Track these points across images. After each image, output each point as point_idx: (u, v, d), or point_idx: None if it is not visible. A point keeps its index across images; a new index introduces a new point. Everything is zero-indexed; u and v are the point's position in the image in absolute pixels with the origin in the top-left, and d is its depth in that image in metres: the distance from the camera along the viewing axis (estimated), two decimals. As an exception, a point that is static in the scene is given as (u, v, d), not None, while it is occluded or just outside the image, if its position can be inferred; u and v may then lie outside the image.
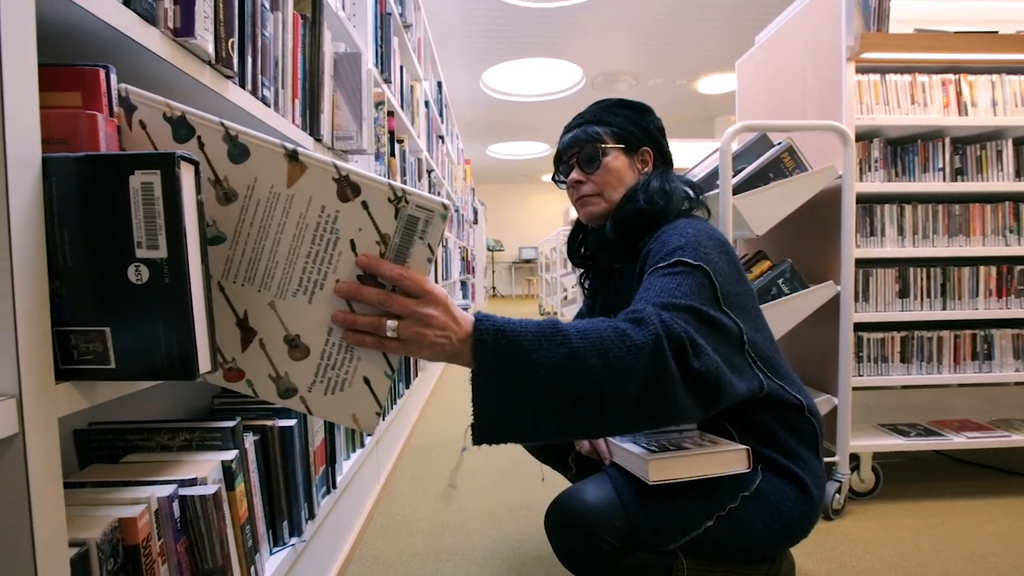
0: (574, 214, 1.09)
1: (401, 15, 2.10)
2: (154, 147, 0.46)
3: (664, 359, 0.63)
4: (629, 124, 0.97)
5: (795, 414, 0.88)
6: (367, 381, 0.51)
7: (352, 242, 0.47)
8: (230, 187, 0.46)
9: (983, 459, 1.74)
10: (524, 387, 0.58)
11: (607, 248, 0.99)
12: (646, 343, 0.62)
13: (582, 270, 1.14)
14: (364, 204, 0.46)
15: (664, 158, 1.00)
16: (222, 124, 0.45)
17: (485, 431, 0.60)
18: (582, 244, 1.10)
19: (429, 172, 2.73)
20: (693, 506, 0.80)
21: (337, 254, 0.47)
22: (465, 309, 0.64)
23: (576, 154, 0.97)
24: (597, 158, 0.95)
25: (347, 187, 0.45)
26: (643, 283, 0.79)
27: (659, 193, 0.91)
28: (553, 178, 1.04)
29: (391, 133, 1.82)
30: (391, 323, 0.49)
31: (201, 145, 0.45)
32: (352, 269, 0.48)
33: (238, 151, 0.45)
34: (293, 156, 0.45)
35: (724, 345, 0.73)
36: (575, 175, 0.97)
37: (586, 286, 1.14)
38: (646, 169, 0.98)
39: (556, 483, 1.58)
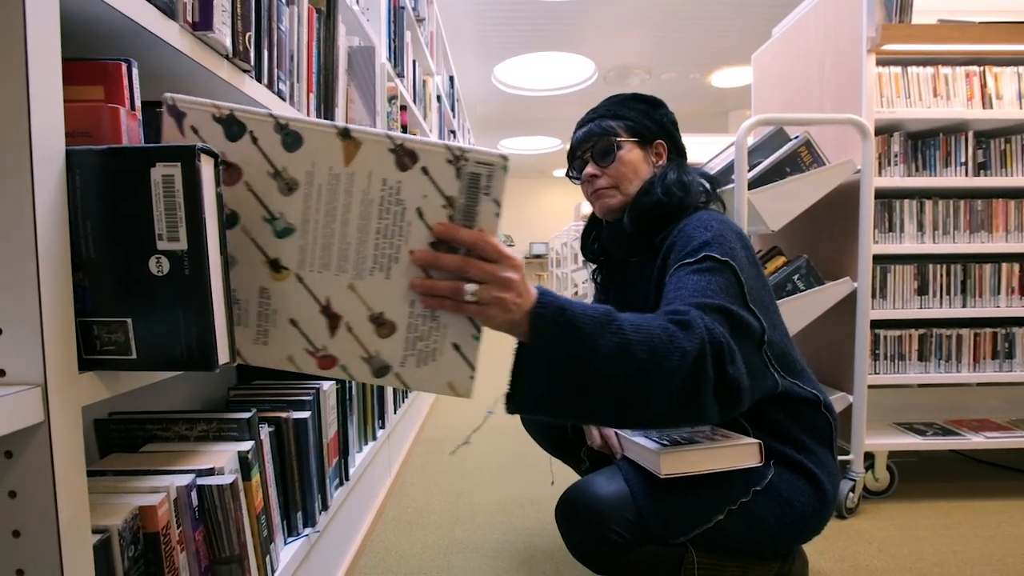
0: (586, 209, 1.09)
1: (414, 9, 2.10)
2: None
3: (705, 365, 0.64)
4: (643, 117, 0.97)
5: (810, 409, 0.88)
6: (456, 347, 0.51)
7: (419, 210, 0.46)
8: (290, 176, 0.46)
9: (1002, 460, 1.70)
10: (574, 367, 0.58)
11: (623, 242, 0.98)
12: (692, 348, 0.63)
13: (595, 265, 1.14)
14: (424, 170, 0.45)
15: (678, 151, 1.00)
16: (271, 115, 0.45)
17: (525, 402, 0.61)
18: (596, 239, 1.09)
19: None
20: (704, 499, 0.80)
21: (406, 224, 0.47)
22: None
23: (590, 148, 0.97)
24: (612, 151, 0.95)
25: (404, 155, 0.44)
26: (672, 278, 0.80)
27: (677, 185, 0.91)
28: (567, 173, 1.04)
29: (404, 127, 1.82)
30: (470, 287, 0.49)
31: (254, 140, 0.45)
32: (424, 237, 0.47)
33: (291, 139, 0.45)
34: (345, 134, 0.44)
35: (746, 346, 0.73)
36: (590, 169, 0.97)
37: (598, 281, 1.14)
38: (660, 162, 0.98)
39: (566, 480, 1.59)
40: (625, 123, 0.96)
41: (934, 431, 1.50)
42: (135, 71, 0.49)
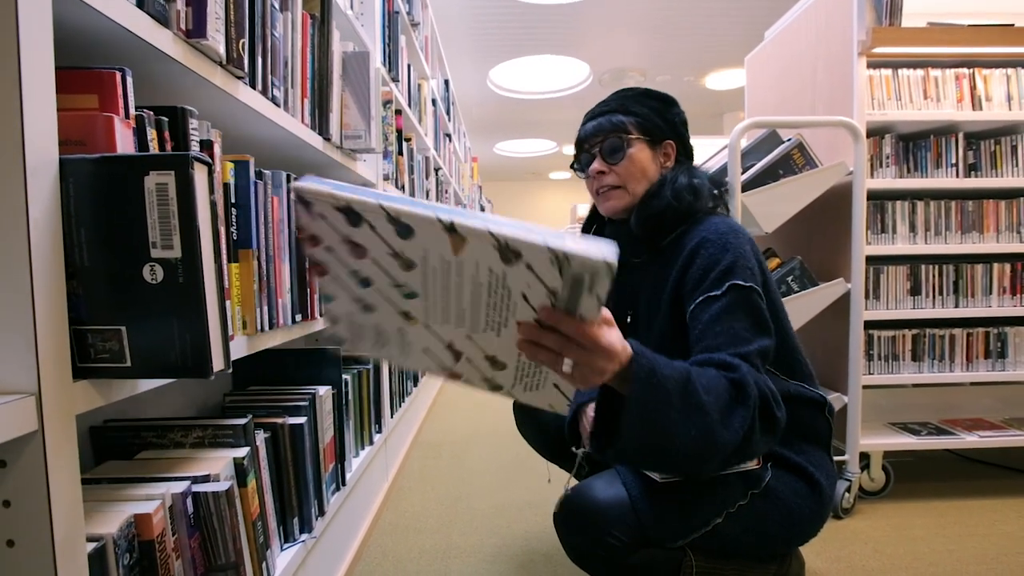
0: (582, 212, 1.08)
1: (408, 13, 2.10)
2: (337, 232, 0.48)
3: (755, 424, 0.69)
4: (654, 115, 0.93)
5: (814, 412, 0.89)
6: (556, 386, 0.59)
7: (524, 295, 0.49)
8: (407, 258, 0.49)
9: (995, 459, 1.72)
10: (657, 424, 0.65)
11: (627, 241, 0.93)
12: (750, 411, 0.69)
13: None
14: (528, 266, 0.47)
15: (686, 152, 0.97)
16: (380, 207, 0.46)
17: (623, 454, 0.71)
18: (597, 235, 1.07)
19: (436, 170, 2.74)
20: (702, 503, 0.80)
21: (513, 304, 0.51)
22: None
23: (599, 143, 0.93)
24: (621, 149, 0.91)
25: (508, 252, 0.46)
26: (701, 313, 0.79)
27: (687, 189, 0.89)
28: (572, 165, 1.01)
29: (399, 131, 1.82)
30: (567, 362, 0.54)
31: (372, 227, 0.47)
32: (530, 313, 0.51)
33: (403, 229, 0.46)
34: (451, 228, 0.46)
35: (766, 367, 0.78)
36: (597, 165, 0.93)
37: None
38: (668, 163, 0.95)
39: (563, 477, 1.58)
40: (636, 120, 0.92)
41: (928, 431, 1.51)
42: (129, 79, 0.49)
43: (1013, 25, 1.42)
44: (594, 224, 1.08)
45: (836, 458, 1.40)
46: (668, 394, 0.64)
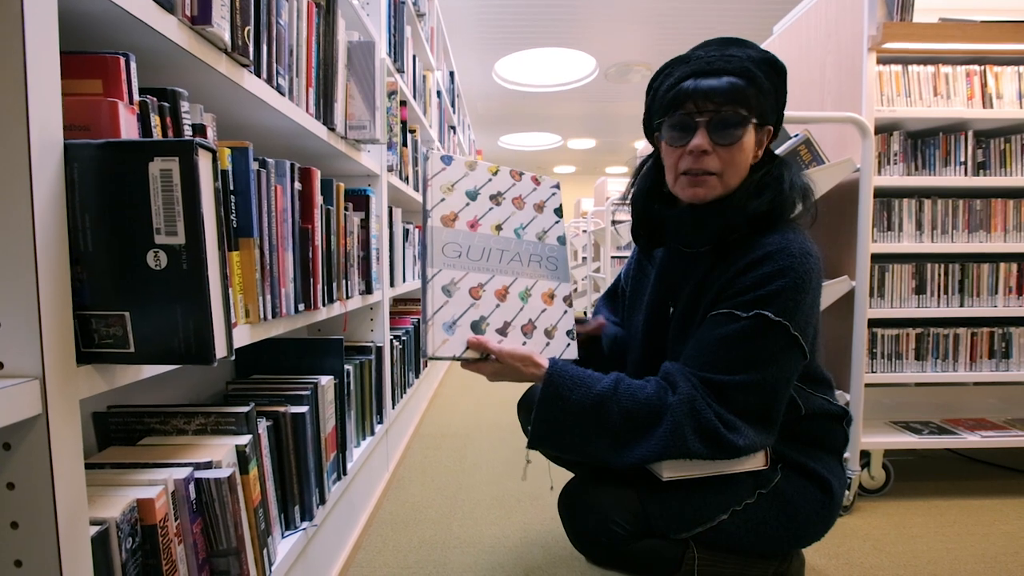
0: (587, 205, 1.05)
1: (415, 4, 2.09)
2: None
3: (667, 449, 0.73)
4: (772, 94, 0.76)
5: (833, 424, 0.88)
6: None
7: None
8: None
9: (997, 459, 1.71)
10: (556, 435, 0.77)
11: (687, 231, 0.82)
12: (659, 442, 0.74)
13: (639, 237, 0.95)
14: None
15: (773, 137, 0.82)
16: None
17: (534, 439, 0.78)
18: (654, 212, 0.89)
19: (440, 162, 2.73)
20: (708, 499, 0.80)
21: None
22: None
23: (712, 112, 0.74)
24: (739, 129, 0.74)
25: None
26: (715, 328, 0.76)
27: (790, 196, 0.77)
28: (655, 122, 0.80)
29: (403, 123, 1.82)
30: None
31: None
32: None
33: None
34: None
35: (776, 399, 0.77)
36: (701, 141, 0.75)
37: (632, 266, 1.02)
38: (759, 152, 0.80)
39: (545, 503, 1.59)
40: (759, 96, 0.75)
41: (930, 430, 1.51)
42: (133, 65, 0.49)
43: (1026, 22, 1.40)
44: (651, 202, 0.89)
45: (837, 456, 1.40)
46: (568, 416, 0.75)
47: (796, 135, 1.41)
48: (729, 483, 0.81)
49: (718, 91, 0.74)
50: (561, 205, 0.90)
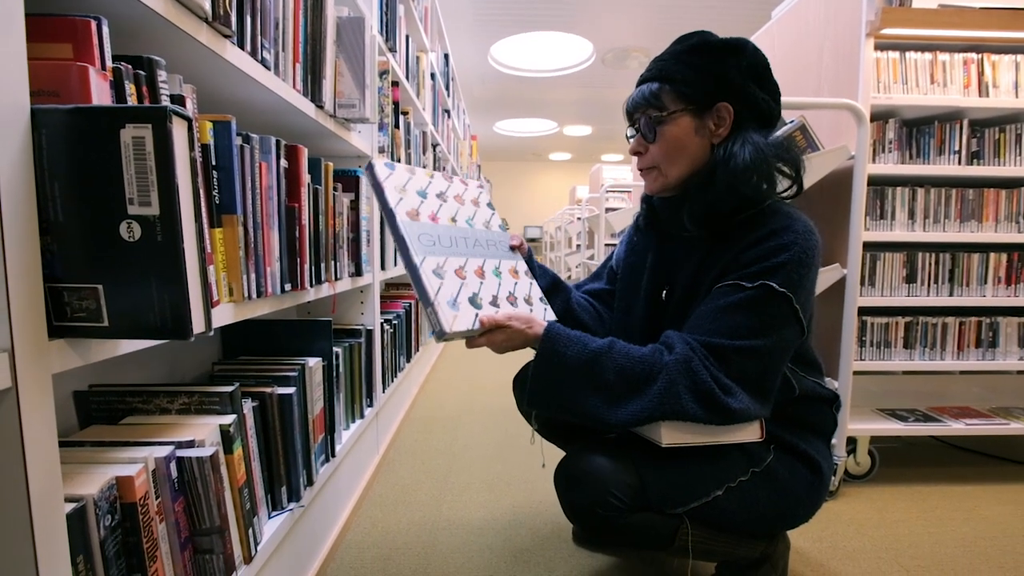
0: (582, 193, 1.05)
1: (407, -19, 2.04)
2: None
3: (658, 408, 0.74)
4: (700, 75, 0.79)
5: (824, 407, 0.90)
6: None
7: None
8: None
9: (979, 446, 1.74)
10: (551, 392, 0.78)
11: (677, 220, 0.87)
12: (651, 400, 0.74)
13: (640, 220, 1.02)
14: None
15: (754, 112, 0.80)
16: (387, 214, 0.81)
17: (530, 396, 0.79)
18: (647, 202, 0.97)
19: (434, 146, 2.70)
20: (704, 473, 0.81)
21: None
22: None
23: (638, 120, 0.86)
24: (652, 127, 0.83)
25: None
26: (718, 299, 0.77)
27: (744, 174, 0.76)
28: (627, 135, 0.92)
29: (395, 104, 1.79)
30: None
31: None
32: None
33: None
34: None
35: (772, 369, 0.78)
36: (634, 144, 0.87)
37: (631, 241, 1.02)
38: (722, 130, 0.80)
39: (534, 486, 1.60)
40: (674, 88, 0.80)
41: (916, 417, 1.53)
42: (105, 29, 0.47)
43: (1025, 9, 1.39)
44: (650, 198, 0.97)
45: (823, 442, 1.42)
46: (564, 372, 0.76)
47: (792, 121, 1.40)
48: (724, 459, 0.82)
49: (635, 102, 0.86)
50: (491, 200, 1.02)
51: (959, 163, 1.45)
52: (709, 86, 0.79)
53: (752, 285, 0.75)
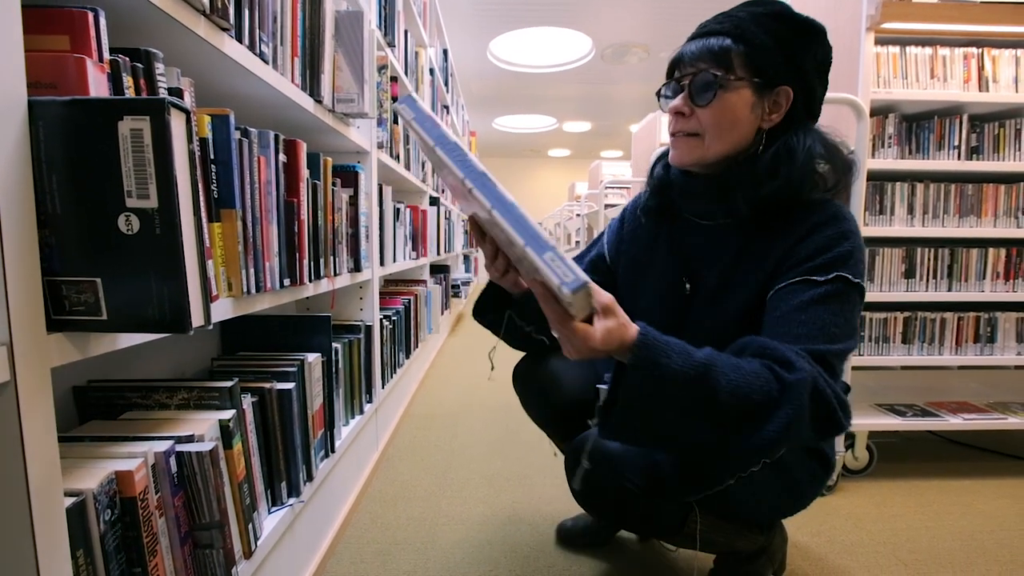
0: (581, 189, 1.00)
1: (406, -24, 2.03)
2: (481, 209, 0.59)
3: (785, 436, 0.62)
4: (777, 48, 0.71)
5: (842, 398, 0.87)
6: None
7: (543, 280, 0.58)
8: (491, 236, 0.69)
9: (977, 441, 1.75)
10: (651, 417, 0.63)
11: (700, 201, 0.79)
12: (782, 425, 0.61)
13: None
14: (525, 252, 0.56)
15: (808, 106, 0.75)
16: (434, 150, 0.61)
17: (621, 430, 0.66)
18: (663, 181, 0.85)
19: (433, 142, 2.68)
20: (719, 463, 0.80)
21: (531, 269, 0.59)
22: (466, 283, 0.72)
23: (692, 74, 0.74)
24: (712, 89, 0.72)
25: (513, 243, 0.58)
26: (794, 291, 0.70)
27: (808, 170, 0.71)
28: (658, 91, 0.80)
29: (395, 99, 1.78)
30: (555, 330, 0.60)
31: (489, 211, 0.57)
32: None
33: (442, 169, 0.63)
34: (470, 194, 0.59)
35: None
36: (679, 103, 0.75)
37: (630, 230, 0.93)
38: (775, 116, 0.74)
39: (549, 468, 1.60)
40: (748, 51, 0.71)
41: (914, 412, 1.53)
42: (102, 20, 0.47)
43: (1025, 4, 1.38)
44: (660, 167, 0.87)
45: (822, 437, 1.42)
46: (666, 391, 0.60)
47: (791, 116, 1.40)
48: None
49: (695, 53, 0.74)
50: None
51: (959, 158, 1.45)
52: (782, 64, 0.72)
53: (826, 278, 0.69)
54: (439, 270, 3.28)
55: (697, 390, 0.60)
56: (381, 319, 1.59)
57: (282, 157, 0.83)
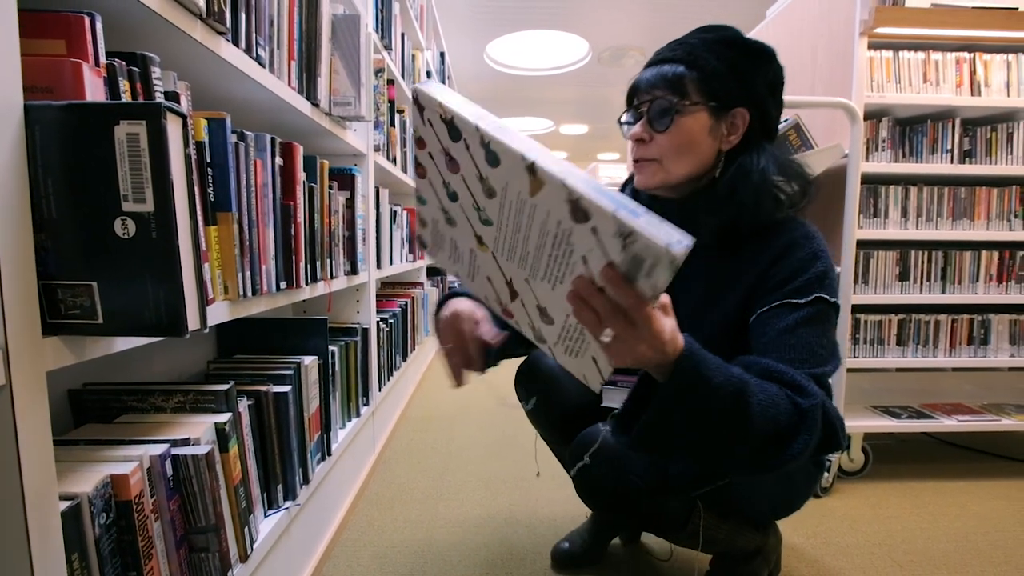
0: None
1: (403, -21, 2.04)
2: (439, 141, 0.51)
3: (810, 450, 0.62)
4: (730, 73, 0.73)
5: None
6: (595, 360, 0.56)
7: (584, 257, 0.48)
8: (490, 186, 0.50)
9: (971, 443, 1.76)
10: (695, 429, 0.59)
11: (680, 227, 0.83)
12: (806, 447, 0.60)
13: None
14: (594, 230, 0.45)
15: (764, 125, 0.77)
16: (477, 129, 0.47)
17: (642, 444, 0.61)
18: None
19: (430, 145, 2.69)
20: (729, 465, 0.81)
21: (573, 262, 0.49)
22: (463, 286, 0.68)
23: (649, 102, 0.76)
24: (669, 114, 0.74)
25: (578, 211, 0.45)
26: (775, 317, 0.71)
27: (768, 190, 0.73)
28: (619, 118, 0.81)
29: (391, 102, 1.78)
30: (608, 331, 0.50)
31: (467, 147, 0.49)
32: (589, 274, 0.50)
33: (492, 156, 0.47)
34: (532, 169, 0.46)
35: None
36: (638, 130, 0.77)
37: None
38: (732, 138, 0.76)
39: (552, 468, 1.60)
40: (701, 77, 0.73)
41: (909, 414, 1.54)
42: (99, 25, 0.47)
43: (1017, 9, 1.40)
44: (628, 190, 0.89)
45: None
46: (707, 406, 0.57)
47: (786, 120, 1.41)
48: None
49: (651, 80, 0.76)
50: None
51: (951, 162, 1.47)
52: (735, 88, 0.74)
53: (806, 300, 0.70)
54: (436, 273, 3.29)
55: (733, 408, 0.58)
56: (378, 322, 1.59)
57: (279, 160, 0.83)
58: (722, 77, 0.73)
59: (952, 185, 1.49)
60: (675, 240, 0.43)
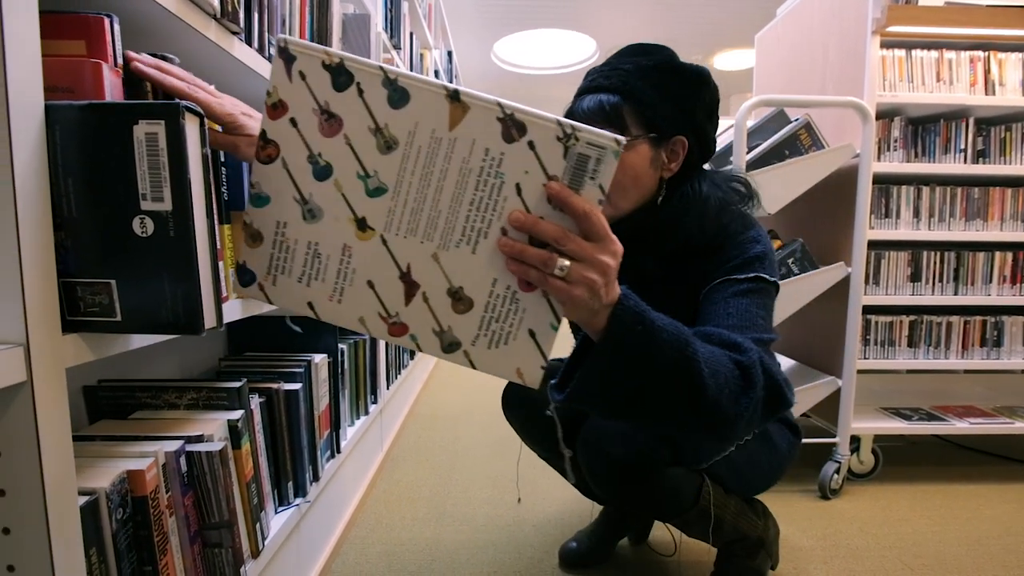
0: None
1: (412, -21, 2.04)
2: (314, 98, 0.44)
3: (755, 414, 0.61)
4: (667, 102, 0.73)
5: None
6: (532, 334, 0.49)
7: (518, 186, 0.44)
8: (391, 135, 0.44)
9: (984, 445, 1.74)
10: (636, 377, 0.54)
11: (630, 250, 0.83)
12: (753, 402, 0.59)
13: None
14: (531, 144, 0.43)
15: (703, 149, 0.78)
16: (381, 68, 0.43)
17: (577, 393, 0.56)
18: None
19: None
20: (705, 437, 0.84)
21: (502, 200, 0.45)
22: None
23: None
24: None
25: (512, 126, 0.42)
26: (718, 293, 0.73)
27: (719, 216, 0.76)
28: None
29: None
30: (563, 261, 0.45)
31: (360, 92, 0.43)
32: (521, 209, 0.46)
33: (398, 95, 0.43)
34: (455, 96, 0.42)
35: None
36: None
37: None
38: (673, 165, 0.77)
39: (535, 495, 1.60)
40: (639, 109, 0.72)
41: (920, 416, 1.53)
42: (117, 26, 0.47)
43: (1033, 7, 1.38)
44: None
45: (827, 440, 1.42)
46: (652, 345, 0.52)
47: (797, 119, 1.40)
48: None
49: (588, 112, 0.74)
50: None
51: (964, 161, 1.45)
52: (673, 117, 0.73)
53: (746, 276, 0.73)
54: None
55: (677, 357, 0.53)
56: (386, 320, 1.59)
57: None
58: (659, 106, 0.73)
59: (965, 185, 1.47)
60: (608, 138, 0.42)
